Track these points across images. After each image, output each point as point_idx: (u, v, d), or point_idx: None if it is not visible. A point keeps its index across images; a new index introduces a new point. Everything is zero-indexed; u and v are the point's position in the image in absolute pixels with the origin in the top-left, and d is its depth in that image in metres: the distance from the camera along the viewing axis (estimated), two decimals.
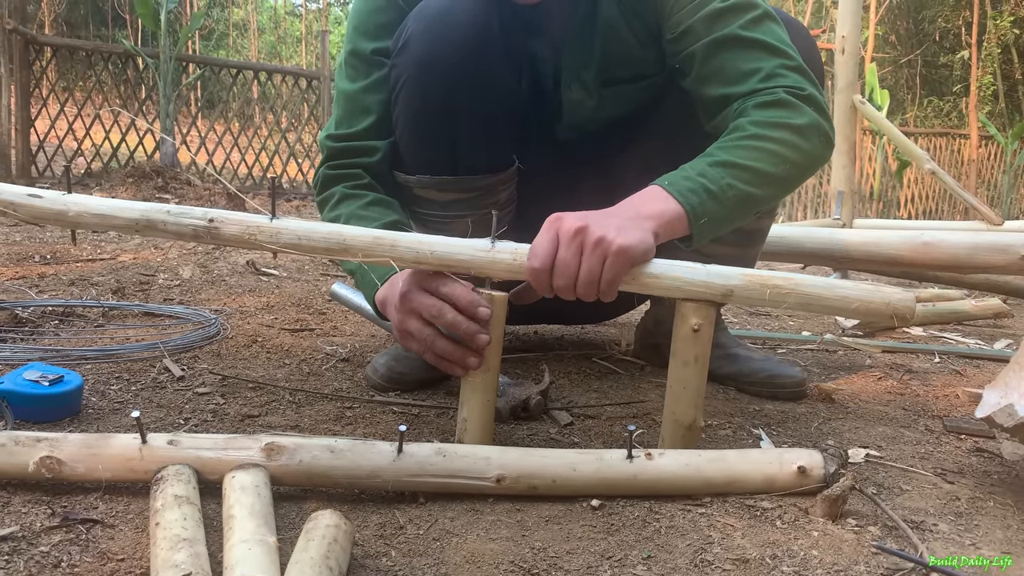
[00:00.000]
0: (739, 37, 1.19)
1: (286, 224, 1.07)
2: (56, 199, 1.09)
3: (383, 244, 1.05)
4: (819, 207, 8.82)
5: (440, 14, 1.22)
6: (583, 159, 1.48)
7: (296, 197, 6.27)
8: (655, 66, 1.35)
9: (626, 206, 1.08)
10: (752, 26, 1.20)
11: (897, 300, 1.07)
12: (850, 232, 2.06)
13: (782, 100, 1.16)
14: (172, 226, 1.08)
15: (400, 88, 1.26)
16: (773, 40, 1.20)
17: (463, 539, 0.90)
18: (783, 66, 1.19)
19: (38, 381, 1.16)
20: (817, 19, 13.90)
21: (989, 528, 0.99)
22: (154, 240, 3.07)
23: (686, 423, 1.10)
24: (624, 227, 1.03)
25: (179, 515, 0.80)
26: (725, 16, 1.20)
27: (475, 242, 1.07)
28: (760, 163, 1.12)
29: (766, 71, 1.18)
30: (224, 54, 19.22)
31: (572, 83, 1.36)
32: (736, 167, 1.11)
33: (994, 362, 1.92)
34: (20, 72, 5.27)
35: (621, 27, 1.31)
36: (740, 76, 1.19)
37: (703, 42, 1.21)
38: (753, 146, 1.12)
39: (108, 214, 1.09)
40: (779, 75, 1.18)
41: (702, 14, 1.21)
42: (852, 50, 3.66)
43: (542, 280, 1.03)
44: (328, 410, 1.28)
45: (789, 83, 1.17)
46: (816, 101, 1.18)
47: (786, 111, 1.15)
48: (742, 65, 1.19)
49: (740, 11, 1.20)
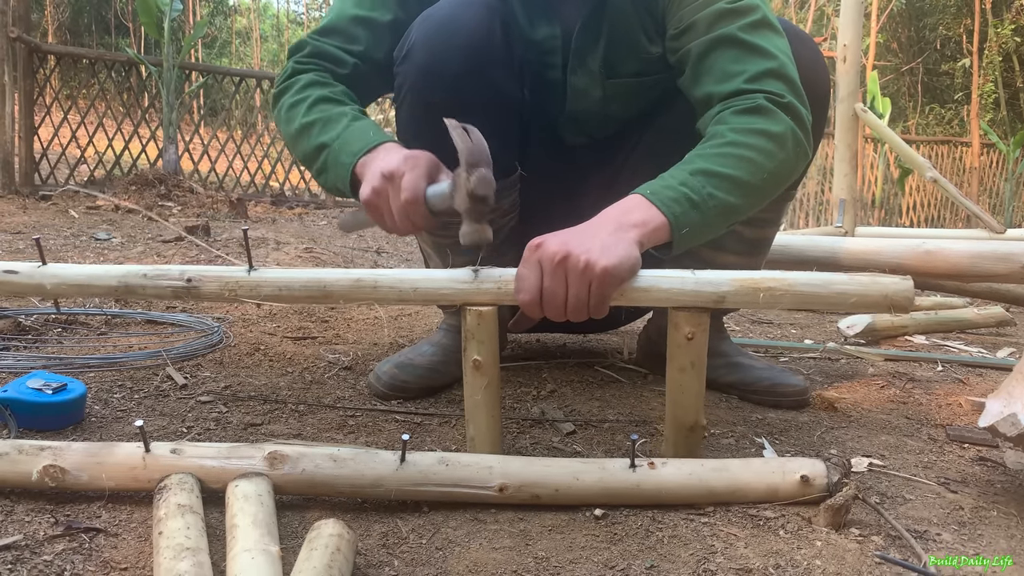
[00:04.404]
0: (734, 39, 1.20)
1: (264, 276, 1.08)
2: (32, 273, 1.09)
3: (364, 286, 1.06)
4: (821, 215, 8.83)
5: (443, 22, 1.23)
6: (587, 165, 1.48)
7: (299, 204, 6.28)
8: (660, 64, 1.36)
9: (608, 218, 1.08)
10: (750, 30, 1.21)
11: (894, 291, 1.06)
12: (852, 241, 2.07)
13: (760, 107, 1.15)
14: (151, 288, 1.09)
15: (404, 95, 1.27)
16: (767, 46, 1.20)
17: (466, 548, 0.90)
18: (770, 71, 1.18)
19: (41, 389, 1.16)
20: (818, 27, 13.92)
21: (993, 538, 0.99)
22: (156, 247, 3.08)
23: (688, 425, 1.10)
24: (608, 246, 1.03)
25: (182, 524, 0.80)
26: (727, 17, 1.21)
27: (457, 274, 1.07)
28: (738, 171, 1.11)
29: (751, 73, 1.18)
30: (227, 62, 19.30)
31: (578, 68, 1.37)
32: (716, 176, 1.10)
33: (997, 371, 1.92)
34: (24, 80, 5.28)
35: (630, 18, 1.33)
36: (726, 76, 1.19)
37: (700, 40, 1.22)
38: (731, 154, 1.12)
39: (86, 283, 1.10)
40: (763, 79, 1.18)
41: (705, 13, 1.23)
42: (853, 59, 3.67)
43: (532, 311, 1.05)
44: (331, 418, 1.28)
45: (771, 89, 1.17)
46: (795, 110, 1.17)
47: (763, 118, 1.15)
48: (730, 66, 1.19)
49: (741, 14, 1.21)
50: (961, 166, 10.31)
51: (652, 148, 1.41)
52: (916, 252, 1.84)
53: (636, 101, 1.40)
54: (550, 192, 1.45)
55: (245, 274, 1.06)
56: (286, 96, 1.30)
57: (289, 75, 1.32)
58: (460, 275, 1.07)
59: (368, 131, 1.20)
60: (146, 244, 3.23)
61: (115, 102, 6.21)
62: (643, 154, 1.42)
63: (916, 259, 1.84)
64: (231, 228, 4.16)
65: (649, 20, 1.32)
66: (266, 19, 25.32)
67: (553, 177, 1.45)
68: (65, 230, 3.62)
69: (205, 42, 18.70)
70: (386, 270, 1.12)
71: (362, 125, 1.21)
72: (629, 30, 1.33)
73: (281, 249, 3.22)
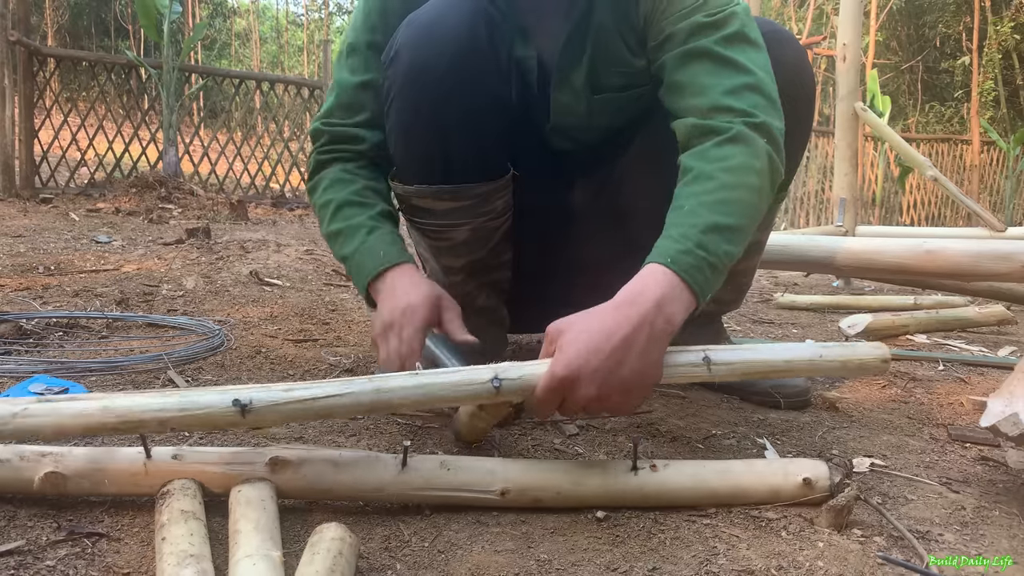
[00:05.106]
0: (709, 52, 1.18)
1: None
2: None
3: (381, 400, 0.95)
4: (821, 213, 8.83)
5: (428, 24, 1.22)
6: (578, 169, 1.48)
7: (299, 206, 6.28)
8: (644, 76, 1.35)
9: (642, 312, 1.00)
10: (726, 44, 1.18)
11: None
12: (853, 241, 2.07)
13: (740, 136, 1.13)
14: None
15: (392, 99, 1.27)
16: (743, 59, 1.18)
17: (468, 551, 0.90)
18: (745, 86, 1.16)
19: (43, 393, 1.17)
20: (818, 26, 13.92)
21: (995, 538, 0.99)
22: (157, 250, 3.08)
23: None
24: (641, 373, 0.99)
25: (185, 530, 0.80)
26: (704, 30, 1.19)
27: (478, 378, 0.97)
28: (740, 219, 1.09)
29: (726, 88, 1.16)
30: (226, 64, 19.31)
31: (562, 86, 1.36)
32: (726, 230, 1.07)
33: (998, 370, 1.92)
34: (24, 83, 5.29)
35: (612, 33, 1.32)
36: (701, 90, 1.18)
37: (675, 52, 1.21)
38: (729, 200, 1.09)
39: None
40: (739, 92, 1.16)
41: (684, 25, 1.21)
42: (853, 58, 3.66)
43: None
44: (332, 422, 1.28)
45: (745, 106, 1.14)
46: (767, 129, 1.14)
47: (746, 150, 1.12)
48: (705, 79, 1.18)
49: (718, 27, 1.19)
50: (961, 164, 10.32)
51: (644, 150, 1.41)
52: (917, 252, 1.84)
53: (621, 114, 1.39)
54: (544, 195, 1.45)
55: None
56: (315, 195, 1.35)
57: (315, 169, 1.37)
58: (481, 378, 0.97)
59: (379, 250, 1.25)
60: (147, 247, 3.23)
61: (115, 105, 6.22)
62: (635, 156, 1.42)
63: (917, 259, 1.84)
64: (231, 230, 4.16)
65: (631, 34, 1.31)
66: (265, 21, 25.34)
67: (546, 179, 1.45)
68: (66, 233, 3.62)
69: (204, 44, 18.71)
70: (402, 378, 0.98)
71: (374, 242, 1.26)
72: (612, 45, 1.32)
73: (282, 251, 3.22)
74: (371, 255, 1.25)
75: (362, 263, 1.26)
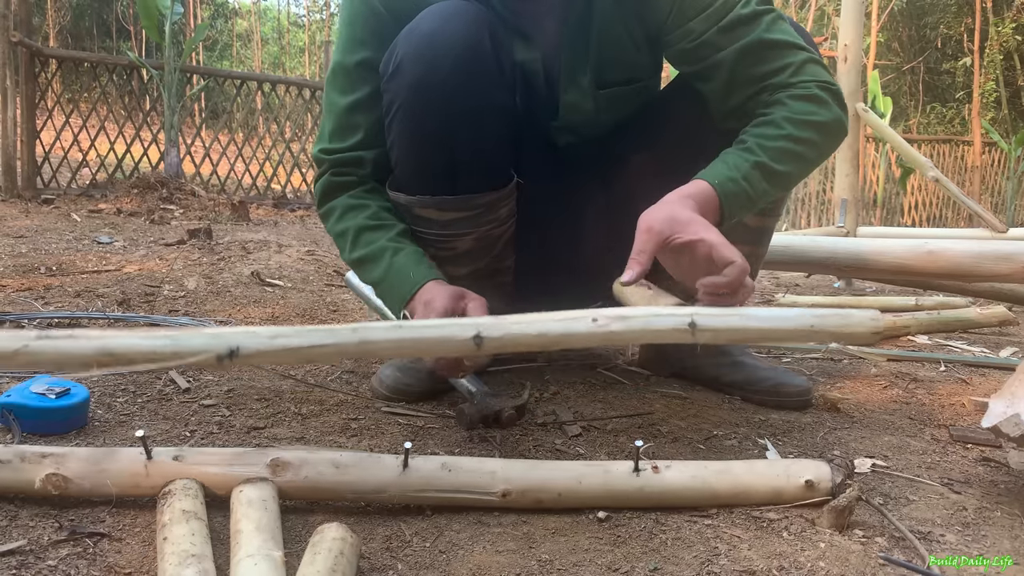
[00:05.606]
0: (764, 41, 1.25)
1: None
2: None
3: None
4: (823, 214, 8.82)
5: (430, 35, 1.21)
6: (581, 166, 1.48)
7: (300, 206, 6.28)
8: (648, 69, 1.39)
9: (686, 203, 1.12)
10: (772, 28, 1.26)
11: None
12: (854, 241, 2.07)
13: (815, 96, 1.23)
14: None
15: (395, 113, 1.26)
16: (793, 38, 1.27)
17: (469, 552, 0.90)
18: (810, 60, 1.26)
19: (45, 394, 1.17)
20: (819, 27, 13.92)
21: (997, 538, 0.99)
22: (159, 250, 3.08)
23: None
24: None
25: (187, 530, 0.80)
26: (746, 23, 1.25)
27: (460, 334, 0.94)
28: (791, 167, 1.21)
29: (795, 65, 1.25)
30: (228, 65, 19.31)
31: (569, 86, 1.36)
32: (774, 174, 1.19)
33: (1000, 370, 1.92)
34: (25, 84, 5.29)
35: (617, 29, 1.33)
36: (771, 73, 1.25)
37: (729, 51, 1.26)
38: (789, 150, 1.20)
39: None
40: (807, 68, 1.25)
41: (722, 24, 1.25)
42: (854, 58, 3.66)
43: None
44: (334, 421, 1.28)
45: (819, 77, 1.25)
46: (840, 96, 1.26)
47: (817, 107, 1.23)
48: (773, 65, 1.25)
49: (758, 17, 1.26)
50: (963, 165, 10.30)
51: (648, 143, 1.41)
52: (918, 252, 1.84)
53: (626, 106, 1.41)
54: (545, 196, 1.45)
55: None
56: (329, 223, 1.36)
57: (323, 197, 1.37)
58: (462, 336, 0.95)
59: (408, 271, 1.26)
60: (148, 248, 3.24)
61: (117, 105, 6.22)
62: (639, 149, 1.43)
63: (918, 259, 1.84)
64: (233, 231, 4.16)
65: (639, 28, 1.32)
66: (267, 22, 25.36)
67: (547, 179, 1.45)
68: (67, 234, 3.62)
69: (206, 45, 18.73)
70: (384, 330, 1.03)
71: (401, 264, 1.27)
72: (617, 40, 1.33)
73: (283, 252, 3.22)
74: (402, 278, 1.26)
75: (393, 286, 1.27)
